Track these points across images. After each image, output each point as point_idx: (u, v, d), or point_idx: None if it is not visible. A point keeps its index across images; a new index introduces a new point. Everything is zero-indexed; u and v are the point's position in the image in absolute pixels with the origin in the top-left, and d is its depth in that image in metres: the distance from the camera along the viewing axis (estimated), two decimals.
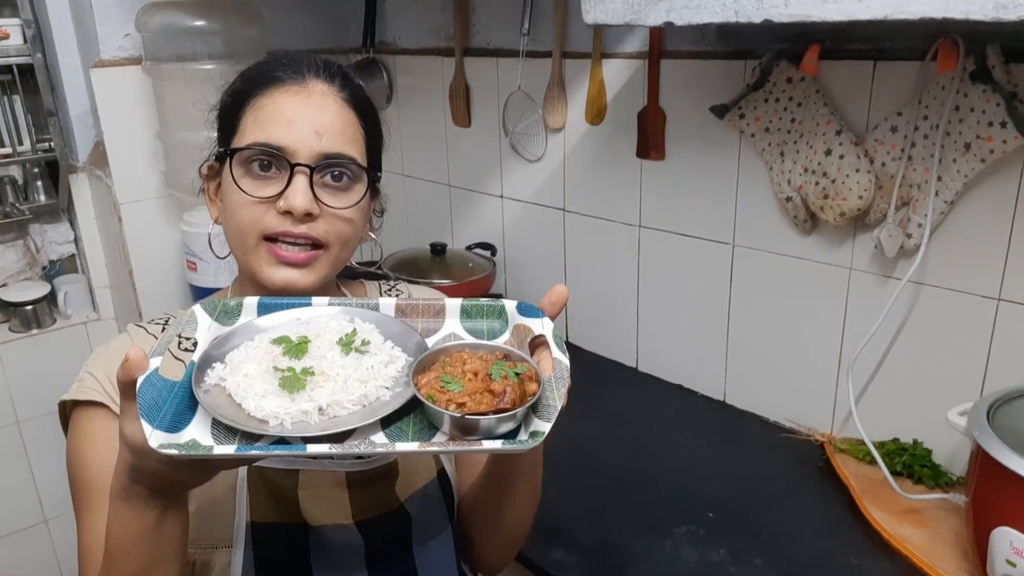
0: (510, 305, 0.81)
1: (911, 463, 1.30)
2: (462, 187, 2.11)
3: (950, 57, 1.12)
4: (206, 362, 0.70)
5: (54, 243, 2.08)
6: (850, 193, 1.28)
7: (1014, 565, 0.97)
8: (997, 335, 1.22)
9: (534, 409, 0.66)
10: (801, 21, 0.95)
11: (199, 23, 1.82)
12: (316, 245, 0.86)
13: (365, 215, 0.92)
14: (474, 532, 0.99)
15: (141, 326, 0.92)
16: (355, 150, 0.88)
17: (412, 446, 0.64)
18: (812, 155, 1.33)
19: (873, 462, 1.31)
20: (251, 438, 0.64)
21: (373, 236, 0.98)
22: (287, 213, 0.83)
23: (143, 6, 1.80)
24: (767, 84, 1.36)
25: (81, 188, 2.01)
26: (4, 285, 2.01)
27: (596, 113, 1.69)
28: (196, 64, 1.82)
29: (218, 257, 0.97)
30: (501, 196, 2.00)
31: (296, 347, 0.71)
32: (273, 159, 0.84)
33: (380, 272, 1.88)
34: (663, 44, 1.53)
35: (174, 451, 0.59)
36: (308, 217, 0.84)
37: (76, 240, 2.10)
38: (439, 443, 0.65)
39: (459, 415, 0.63)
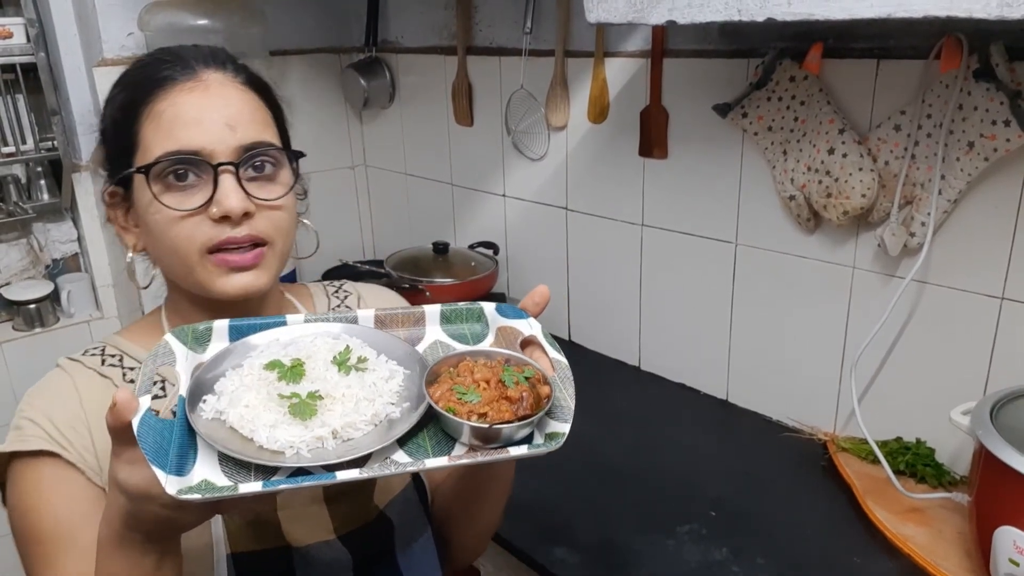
0: (488, 307, 0.79)
1: (914, 462, 1.30)
2: (464, 186, 2.11)
3: (954, 55, 1.11)
4: (196, 395, 0.66)
5: (57, 242, 2.08)
6: (853, 192, 1.28)
7: (1017, 564, 0.97)
8: (1000, 334, 1.21)
9: (548, 411, 0.66)
10: (804, 19, 0.95)
11: (202, 22, 1.82)
12: (258, 243, 0.80)
13: (295, 201, 0.86)
14: (451, 531, 0.97)
15: (76, 359, 0.84)
16: (270, 135, 0.83)
17: (441, 461, 0.63)
18: (815, 154, 1.32)
19: (876, 461, 1.31)
20: (266, 471, 0.61)
21: (308, 223, 0.93)
22: (223, 219, 0.77)
23: (146, 5, 1.81)
24: (770, 83, 1.36)
25: (84, 187, 2.01)
26: (7, 284, 2.01)
27: (599, 112, 1.69)
28: None
29: (140, 288, 0.90)
30: (504, 195, 2.00)
31: (291, 371, 0.68)
32: (190, 166, 0.77)
33: (383, 271, 1.89)
34: (666, 43, 1.53)
35: (195, 496, 0.56)
36: (246, 217, 0.78)
37: (79, 239, 2.10)
38: (466, 455, 0.64)
39: (486, 426, 0.63)
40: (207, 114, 0.78)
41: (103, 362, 0.84)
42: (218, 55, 0.83)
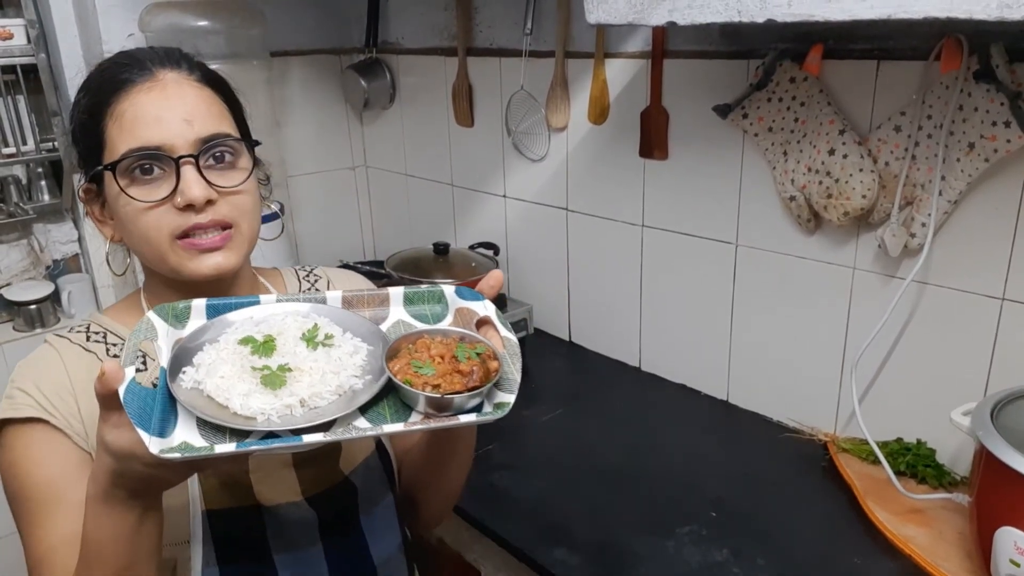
0: (449, 290, 0.86)
1: (915, 463, 1.30)
2: (465, 187, 2.11)
3: (954, 56, 1.11)
4: (176, 366, 0.72)
5: (58, 243, 2.08)
6: (854, 192, 1.28)
7: (1018, 565, 0.97)
8: (1001, 335, 1.21)
9: (496, 384, 0.73)
10: (804, 21, 0.95)
11: (202, 23, 1.82)
12: (224, 227, 0.86)
13: (257, 185, 0.93)
14: (418, 496, 1.04)
15: (63, 336, 0.90)
16: (227, 126, 0.88)
17: (397, 427, 0.70)
18: (815, 154, 1.32)
19: (876, 462, 1.31)
20: (240, 435, 0.67)
21: (272, 206, 1.00)
22: (188, 207, 0.83)
23: (146, 6, 1.81)
24: (770, 84, 1.36)
25: None
26: (8, 284, 2.01)
27: (599, 113, 1.69)
28: None
29: (116, 275, 0.95)
30: (504, 196, 2.00)
31: (263, 345, 0.75)
32: (154, 160, 0.83)
33: (383, 272, 1.89)
34: (666, 44, 1.53)
35: (176, 455, 0.62)
36: (209, 204, 0.84)
37: (80, 239, 2.10)
38: (420, 422, 0.71)
39: (438, 395, 0.70)
40: (165, 112, 0.83)
41: (88, 338, 0.90)
42: (172, 55, 0.89)
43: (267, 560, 0.88)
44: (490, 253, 1.95)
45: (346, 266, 2.11)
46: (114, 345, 0.90)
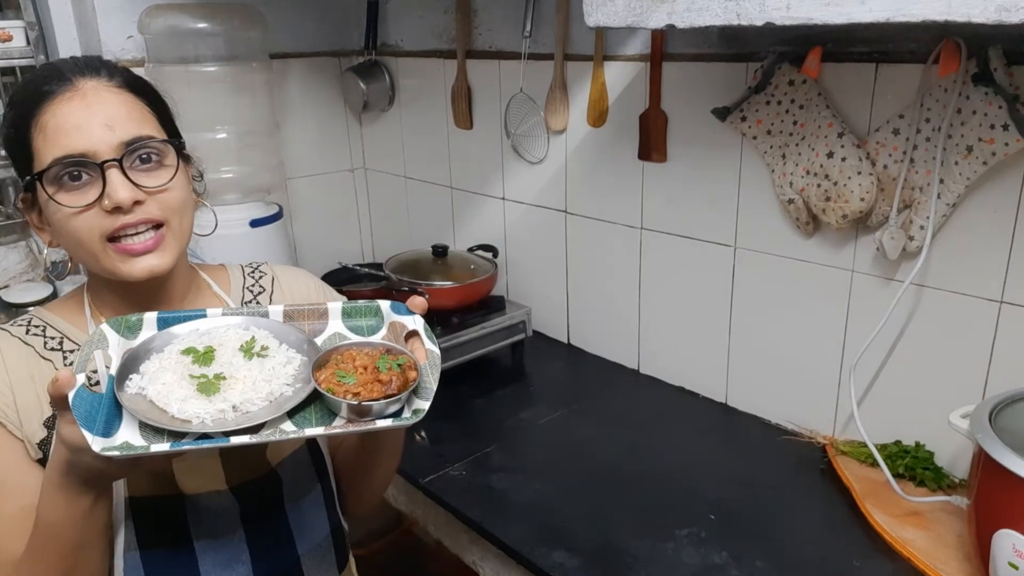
0: (385, 305, 0.93)
1: (913, 465, 1.30)
2: (464, 189, 2.11)
3: (952, 60, 1.12)
4: (123, 374, 0.79)
5: None
6: (852, 195, 1.28)
7: (1016, 568, 0.97)
8: (999, 338, 1.22)
9: (415, 392, 0.81)
10: (803, 24, 0.95)
11: (202, 25, 1.82)
12: (157, 225, 0.89)
13: (187, 183, 0.95)
14: (349, 484, 1.11)
15: (3, 328, 0.94)
16: (149, 128, 0.90)
17: (318, 430, 0.78)
18: (814, 157, 1.33)
19: (875, 464, 1.31)
20: (176, 436, 0.75)
21: (206, 204, 1.02)
22: (116, 209, 0.86)
23: (146, 8, 1.81)
24: (769, 86, 1.36)
25: None
26: (6, 287, 2.01)
27: (598, 115, 1.69)
28: (199, 66, 1.82)
29: (57, 279, 0.98)
30: (503, 198, 2.00)
31: (203, 356, 0.82)
32: (80, 167, 0.85)
33: (382, 274, 1.89)
34: (665, 46, 1.54)
35: (116, 453, 0.71)
36: (136, 205, 0.87)
37: None
38: (340, 426, 0.78)
39: (356, 402, 0.77)
40: (86, 120, 0.86)
41: (27, 331, 0.94)
42: (92, 63, 0.91)
43: (187, 545, 0.92)
44: (489, 255, 1.95)
45: (344, 268, 2.11)
46: (52, 339, 0.93)
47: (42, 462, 0.88)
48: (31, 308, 0.98)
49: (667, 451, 1.47)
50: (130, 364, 0.81)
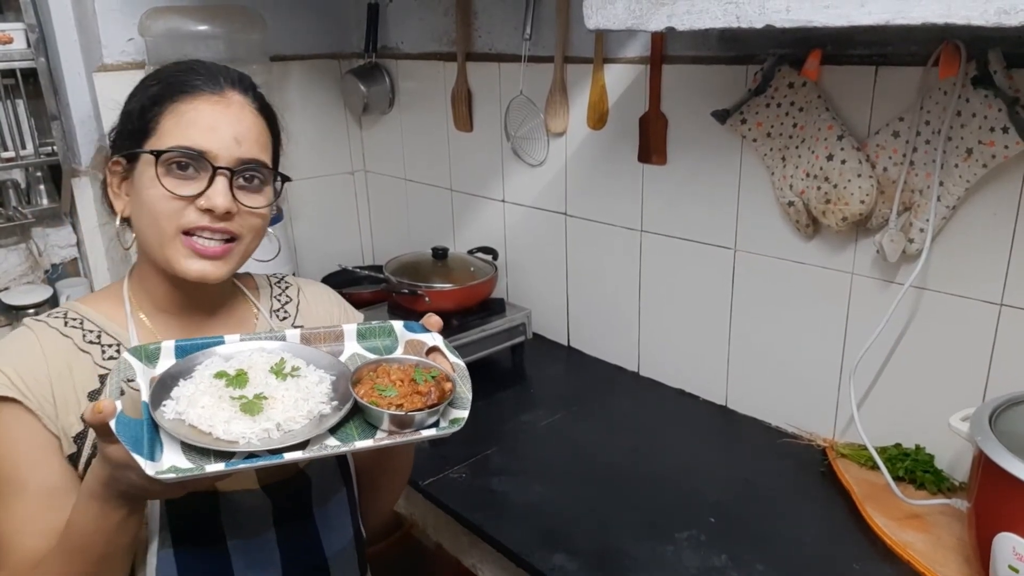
0: (398, 325, 0.96)
1: (913, 468, 1.30)
2: (464, 191, 2.11)
3: (952, 62, 1.12)
4: (156, 400, 0.81)
5: (56, 246, 2.08)
6: (852, 198, 1.28)
7: (1016, 571, 0.97)
8: (999, 340, 1.21)
9: (451, 402, 0.83)
10: (803, 26, 0.95)
11: (202, 28, 1.83)
12: (230, 239, 0.93)
13: (270, 212, 0.99)
14: (363, 497, 1.12)
15: (41, 320, 0.95)
16: (266, 156, 0.96)
17: (367, 443, 0.80)
18: (814, 160, 1.33)
19: (875, 467, 1.31)
20: (223, 456, 0.77)
21: (271, 231, 1.06)
22: (207, 211, 0.90)
23: (146, 11, 1.81)
24: (769, 89, 1.36)
25: (83, 192, 2.01)
26: (6, 288, 2.01)
27: (598, 118, 1.70)
28: None
29: (124, 248, 1.00)
30: (503, 200, 2.00)
31: (236, 378, 0.84)
32: (194, 161, 0.90)
33: (382, 276, 1.89)
34: (665, 49, 1.54)
35: (172, 476, 0.72)
36: (227, 215, 0.91)
37: (78, 243, 2.10)
38: (386, 438, 0.80)
39: (402, 413, 0.80)
40: (221, 125, 0.91)
41: (65, 324, 0.95)
42: (244, 80, 0.97)
43: (221, 544, 0.93)
44: (489, 258, 1.95)
45: (344, 270, 2.11)
46: (90, 331, 0.95)
47: (75, 456, 0.89)
48: (66, 304, 0.99)
49: (667, 453, 1.47)
50: (160, 391, 0.83)
